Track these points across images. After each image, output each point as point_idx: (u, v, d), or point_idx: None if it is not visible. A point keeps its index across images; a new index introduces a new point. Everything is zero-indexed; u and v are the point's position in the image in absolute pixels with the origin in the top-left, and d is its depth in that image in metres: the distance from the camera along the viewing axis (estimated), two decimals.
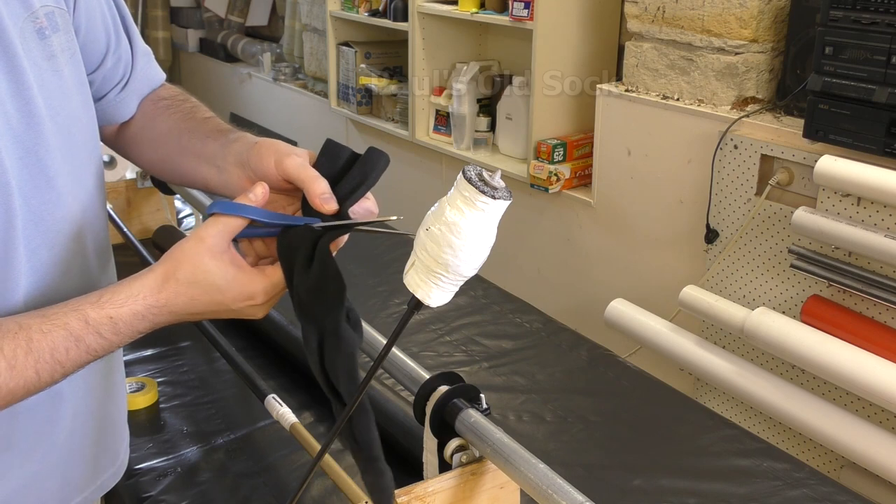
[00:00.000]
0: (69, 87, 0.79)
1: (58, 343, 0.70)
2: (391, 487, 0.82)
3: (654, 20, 2.28)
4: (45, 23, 0.75)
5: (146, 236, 1.93)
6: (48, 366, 0.70)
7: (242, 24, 4.88)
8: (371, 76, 3.45)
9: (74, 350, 0.70)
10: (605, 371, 1.49)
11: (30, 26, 0.74)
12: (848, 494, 1.17)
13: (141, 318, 0.72)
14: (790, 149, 1.96)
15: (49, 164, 0.77)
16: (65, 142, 0.79)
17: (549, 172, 2.59)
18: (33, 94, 0.74)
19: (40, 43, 0.75)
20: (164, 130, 0.91)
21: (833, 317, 1.89)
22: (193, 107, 0.93)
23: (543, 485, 0.79)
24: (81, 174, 0.82)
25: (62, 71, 0.78)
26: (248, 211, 0.74)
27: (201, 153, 0.86)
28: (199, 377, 1.45)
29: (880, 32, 1.72)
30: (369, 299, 1.65)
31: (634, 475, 1.20)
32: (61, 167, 0.78)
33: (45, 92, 0.76)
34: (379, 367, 0.76)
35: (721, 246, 2.17)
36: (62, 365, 0.71)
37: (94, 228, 0.85)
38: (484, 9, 2.80)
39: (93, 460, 0.92)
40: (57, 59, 0.77)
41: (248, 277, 0.74)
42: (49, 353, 0.69)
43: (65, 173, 0.79)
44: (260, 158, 0.79)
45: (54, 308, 0.71)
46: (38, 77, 0.75)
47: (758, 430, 2.10)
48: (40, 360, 0.69)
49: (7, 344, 0.68)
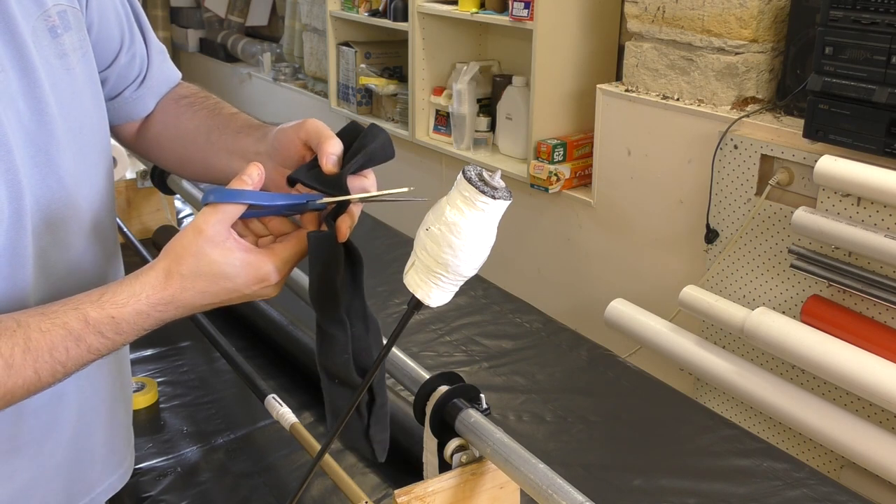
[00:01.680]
0: (80, 86, 0.79)
1: (57, 342, 0.68)
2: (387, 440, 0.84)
3: (654, 20, 2.28)
4: (57, 21, 0.75)
5: (146, 236, 1.93)
6: (48, 365, 0.68)
7: (242, 24, 4.88)
8: (371, 76, 3.45)
9: (75, 350, 0.69)
10: (605, 371, 1.49)
11: (42, 25, 0.74)
12: (848, 494, 1.17)
13: (145, 317, 0.71)
14: (790, 149, 1.96)
15: (60, 163, 0.76)
16: (75, 141, 0.78)
17: (549, 172, 2.59)
18: (45, 93, 0.74)
19: (52, 41, 0.75)
20: (189, 128, 0.91)
21: (833, 317, 1.89)
22: (217, 103, 0.93)
23: (543, 485, 0.79)
24: (92, 174, 0.82)
25: (74, 69, 0.78)
26: (245, 196, 0.73)
27: (233, 148, 0.86)
28: (199, 377, 1.45)
29: (880, 32, 1.72)
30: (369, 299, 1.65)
31: (634, 475, 1.20)
32: (72, 167, 0.78)
33: (56, 90, 0.75)
34: (380, 366, 0.76)
35: (721, 246, 2.17)
36: (63, 365, 0.69)
37: (103, 228, 0.85)
38: (484, 9, 2.80)
39: (100, 462, 0.91)
40: (68, 57, 0.77)
41: (258, 259, 0.72)
42: (48, 352, 0.68)
43: (75, 173, 0.78)
44: (284, 132, 0.80)
45: (54, 306, 0.70)
46: (49, 75, 0.74)
47: (758, 430, 2.10)
48: (39, 359, 0.67)
49: (5, 343, 0.67)
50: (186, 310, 0.73)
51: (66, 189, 0.77)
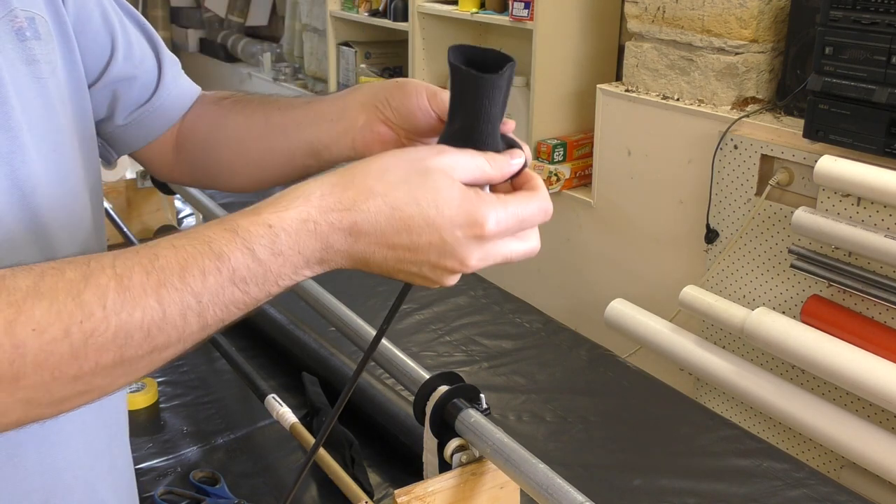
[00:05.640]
0: (52, 98, 0.68)
1: (191, 259, 0.50)
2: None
3: (654, 20, 2.28)
4: (24, 24, 0.66)
5: (146, 236, 1.93)
6: (177, 294, 0.49)
7: (242, 24, 4.88)
8: (371, 76, 3.45)
9: (214, 275, 0.50)
10: (605, 371, 1.49)
11: (6, 26, 0.65)
12: (848, 494, 1.17)
13: (311, 232, 0.52)
14: (790, 149, 1.96)
15: (25, 177, 0.63)
16: (47, 160, 0.66)
17: (549, 172, 2.59)
18: (9, 97, 0.63)
19: (18, 44, 0.65)
20: (241, 122, 0.80)
21: (833, 317, 1.89)
22: (263, 95, 0.82)
23: (543, 485, 0.79)
24: (69, 201, 0.68)
25: (45, 80, 0.67)
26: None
27: (301, 120, 0.74)
28: (199, 377, 1.45)
29: (880, 32, 1.72)
30: (369, 299, 1.65)
31: (634, 475, 1.20)
32: (45, 189, 0.65)
33: (22, 98, 0.64)
34: (377, 346, 0.69)
35: (721, 246, 2.17)
36: (196, 297, 0.50)
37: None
38: (484, 9, 2.80)
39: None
40: (39, 64, 0.67)
41: (478, 196, 0.55)
42: (178, 271, 0.49)
43: (48, 194, 0.65)
44: (407, 95, 0.68)
45: (194, 228, 0.53)
46: (14, 79, 0.64)
47: (758, 430, 2.10)
48: (166, 282, 0.49)
49: (123, 261, 0.49)
50: (361, 240, 0.53)
51: (36, 216, 0.63)
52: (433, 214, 0.53)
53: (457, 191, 0.54)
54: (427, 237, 0.54)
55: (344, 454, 1.16)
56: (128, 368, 0.50)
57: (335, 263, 0.54)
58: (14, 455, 0.64)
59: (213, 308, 0.51)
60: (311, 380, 1.34)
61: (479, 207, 0.54)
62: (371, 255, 0.54)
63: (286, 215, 0.52)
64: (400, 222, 0.53)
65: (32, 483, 0.66)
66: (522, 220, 0.57)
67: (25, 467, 0.65)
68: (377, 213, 0.53)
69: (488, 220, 0.54)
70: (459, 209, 0.54)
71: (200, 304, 0.50)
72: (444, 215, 0.53)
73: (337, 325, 1.24)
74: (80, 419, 0.68)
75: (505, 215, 0.55)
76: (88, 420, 0.71)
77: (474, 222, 0.54)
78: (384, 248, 0.54)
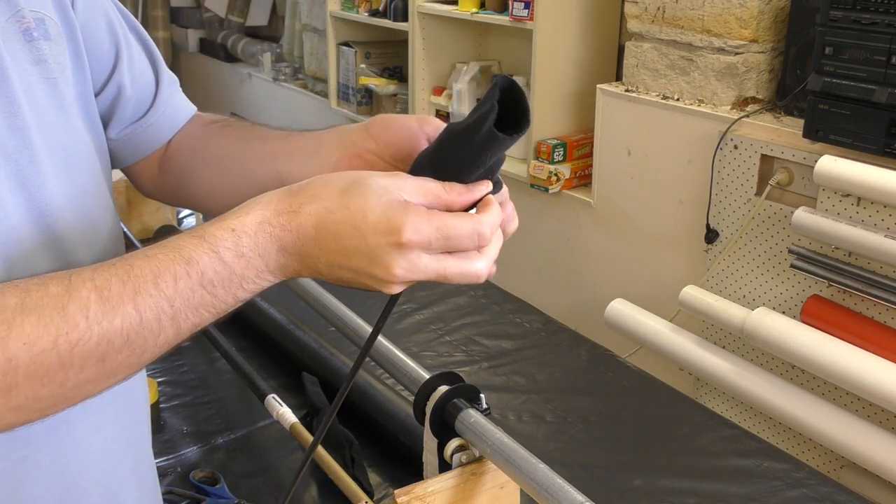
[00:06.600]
0: (63, 98, 0.69)
1: (163, 266, 0.54)
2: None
3: (654, 20, 2.28)
4: (32, 24, 0.66)
5: (146, 236, 1.93)
6: (151, 300, 0.53)
7: (242, 24, 4.88)
8: (371, 76, 3.45)
9: (185, 279, 0.54)
10: (605, 371, 1.49)
11: (13, 26, 0.65)
12: (848, 494, 1.17)
13: (268, 234, 0.55)
14: (790, 149, 1.96)
15: (30, 175, 0.63)
16: (59, 163, 0.66)
17: (549, 172, 2.59)
18: (17, 96, 0.63)
19: (27, 45, 0.66)
20: (224, 146, 0.81)
21: (833, 317, 1.89)
22: (252, 123, 0.83)
23: (543, 485, 0.79)
24: (80, 206, 0.68)
25: (55, 80, 0.68)
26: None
27: (278, 151, 0.76)
28: (199, 377, 1.45)
29: (880, 32, 1.72)
30: (369, 299, 1.65)
31: (634, 475, 1.20)
32: (54, 188, 0.65)
33: (31, 98, 0.65)
34: (376, 339, 0.68)
35: (721, 246, 2.17)
36: (170, 302, 0.53)
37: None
38: (484, 9, 2.80)
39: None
40: (47, 64, 0.67)
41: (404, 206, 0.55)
42: (152, 279, 0.53)
43: (59, 195, 0.65)
44: (389, 125, 0.69)
45: (167, 239, 0.57)
46: (22, 80, 0.64)
47: (758, 430, 2.10)
48: (141, 289, 0.53)
49: (101, 273, 0.53)
50: (308, 242, 0.56)
51: (43, 216, 0.64)
52: (359, 220, 0.55)
53: (387, 200, 0.55)
54: (355, 242, 0.55)
55: (344, 454, 1.16)
56: (109, 373, 0.54)
57: (292, 269, 0.57)
58: (27, 456, 0.65)
59: (185, 311, 0.54)
60: (311, 380, 1.35)
61: (399, 215, 0.55)
62: (317, 258, 0.57)
63: (247, 219, 0.56)
64: (332, 226, 0.56)
65: (46, 484, 0.67)
66: (448, 238, 0.56)
67: (39, 468, 0.66)
68: (315, 216, 0.56)
69: (405, 227, 0.54)
70: (382, 216, 0.55)
71: (173, 307, 0.54)
72: (368, 221, 0.55)
73: (337, 325, 1.24)
74: (95, 421, 0.70)
75: (427, 227, 0.55)
76: (105, 423, 0.72)
77: (392, 229, 0.54)
78: (325, 253, 0.56)
